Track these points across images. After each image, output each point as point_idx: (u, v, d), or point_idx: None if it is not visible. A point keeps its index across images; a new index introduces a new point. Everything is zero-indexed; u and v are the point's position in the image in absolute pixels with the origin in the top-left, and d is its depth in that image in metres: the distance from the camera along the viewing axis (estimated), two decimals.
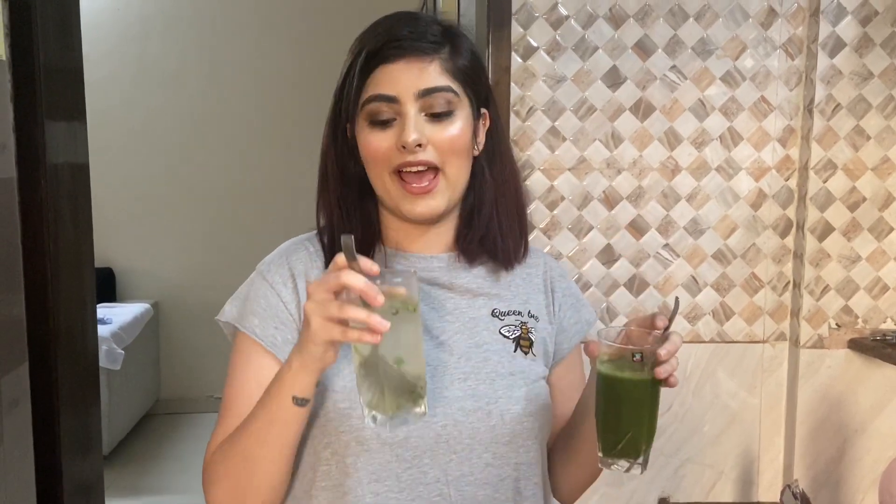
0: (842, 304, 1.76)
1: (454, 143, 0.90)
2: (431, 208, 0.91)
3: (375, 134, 0.90)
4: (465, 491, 0.90)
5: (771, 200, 1.79)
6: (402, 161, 0.89)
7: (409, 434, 0.88)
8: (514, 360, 0.95)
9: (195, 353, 4.33)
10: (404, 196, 0.90)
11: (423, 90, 0.88)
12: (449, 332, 0.94)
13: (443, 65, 0.90)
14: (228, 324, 0.96)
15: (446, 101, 0.89)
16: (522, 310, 0.98)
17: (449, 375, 0.91)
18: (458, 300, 0.96)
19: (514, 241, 0.98)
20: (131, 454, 3.86)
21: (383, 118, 0.89)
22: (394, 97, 0.88)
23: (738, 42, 1.74)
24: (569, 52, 1.73)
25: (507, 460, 0.92)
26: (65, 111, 1.78)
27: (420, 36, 0.90)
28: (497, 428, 0.91)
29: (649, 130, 1.76)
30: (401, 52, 0.89)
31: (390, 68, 0.89)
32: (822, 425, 1.77)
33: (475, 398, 0.91)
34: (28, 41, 1.62)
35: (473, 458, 0.90)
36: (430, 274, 0.96)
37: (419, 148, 0.88)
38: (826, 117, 1.71)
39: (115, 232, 4.37)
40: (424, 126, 0.89)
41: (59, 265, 1.71)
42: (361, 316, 0.74)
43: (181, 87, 4.38)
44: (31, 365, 1.63)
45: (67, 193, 1.79)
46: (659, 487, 1.83)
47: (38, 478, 1.64)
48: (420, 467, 0.89)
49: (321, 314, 0.76)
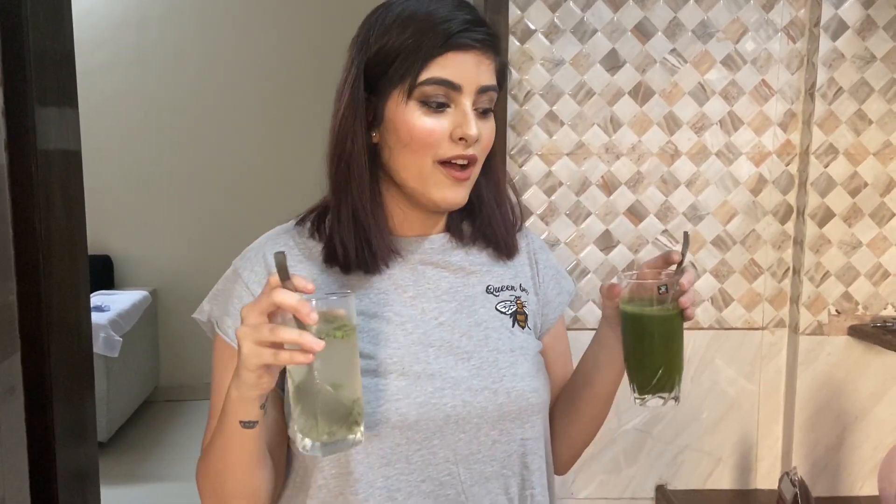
0: (842, 291, 1.74)
1: (491, 140, 0.92)
2: (461, 197, 0.91)
3: (428, 117, 0.87)
4: (474, 469, 0.92)
5: (771, 186, 1.77)
6: (454, 153, 0.88)
7: (419, 416, 0.88)
8: (513, 336, 0.96)
9: (194, 340, 4.33)
10: (442, 181, 0.89)
11: (483, 86, 0.89)
12: (447, 311, 0.94)
13: (495, 65, 0.91)
14: (207, 322, 0.95)
15: (491, 100, 0.91)
16: (514, 284, 1.00)
17: (453, 355, 0.92)
18: (453, 279, 0.97)
19: (511, 229, 1.01)
20: (130, 441, 3.86)
21: (440, 101, 0.87)
22: (459, 85, 0.87)
23: (739, 25, 1.71)
24: (567, 35, 1.71)
25: (514, 436, 0.93)
26: (56, 97, 1.76)
27: (485, 31, 0.90)
28: (504, 406, 0.92)
29: (648, 115, 1.74)
30: (475, 43, 0.88)
31: (462, 57, 0.87)
32: (821, 412, 1.76)
33: (481, 377, 0.92)
34: (18, 25, 1.59)
35: (481, 437, 0.92)
36: (424, 255, 0.96)
37: (476, 143, 0.89)
38: (827, 101, 1.69)
39: (113, 219, 4.36)
40: (476, 121, 0.89)
41: (51, 252, 1.69)
42: (293, 336, 0.71)
43: (179, 74, 4.35)
44: (24, 353, 1.62)
45: (59, 180, 1.77)
46: (657, 474, 1.82)
47: (31, 467, 1.63)
48: (430, 448, 0.89)
49: (252, 338, 0.73)
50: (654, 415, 1.80)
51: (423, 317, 0.93)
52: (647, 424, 1.80)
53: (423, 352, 0.91)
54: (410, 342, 0.91)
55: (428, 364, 0.91)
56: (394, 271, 0.94)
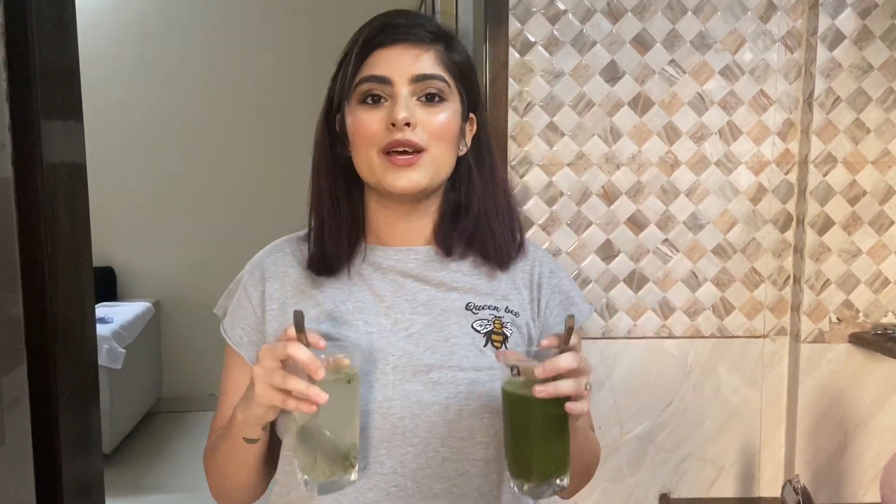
0: (842, 299, 1.75)
1: (443, 128, 0.91)
2: (413, 182, 0.91)
3: (366, 112, 0.91)
4: (423, 483, 0.90)
5: (771, 195, 1.78)
6: (391, 140, 0.89)
7: (367, 423, 0.89)
8: (481, 356, 0.93)
9: (196, 351, 4.33)
10: (388, 168, 0.90)
11: (417, 75, 0.90)
12: (418, 324, 0.94)
13: (437, 56, 0.92)
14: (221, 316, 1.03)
15: (438, 88, 0.91)
16: (500, 305, 0.97)
17: (412, 367, 0.91)
18: (433, 292, 0.96)
19: (506, 242, 0.98)
20: (133, 453, 3.86)
21: (375, 95, 0.90)
22: (387, 78, 0.90)
23: (737, 35, 1.73)
24: (567, 47, 1.73)
25: (465, 456, 0.91)
26: (61, 110, 1.77)
27: (417, 25, 0.92)
28: (454, 423, 0.90)
29: (648, 125, 1.75)
30: (397, 37, 0.91)
31: (386, 52, 0.91)
32: (823, 420, 1.76)
33: (435, 392, 0.90)
34: (24, 40, 1.61)
35: (430, 452, 0.90)
36: (407, 266, 0.97)
37: (408, 127, 0.89)
38: (826, 110, 1.70)
39: (116, 231, 4.37)
40: (415, 108, 0.90)
41: (56, 265, 1.70)
42: (301, 388, 0.79)
43: (181, 86, 4.37)
44: (30, 365, 1.63)
45: (64, 193, 1.78)
46: (660, 483, 1.82)
47: (37, 478, 1.64)
48: (377, 457, 0.90)
49: (265, 381, 0.81)
50: (657, 423, 1.80)
51: (394, 327, 0.94)
52: (649, 433, 1.81)
53: (382, 360, 0.92)
54: (371, 350, 0.92)
55: (384, 374, 0.91)
56: (374, 281, 0.96)
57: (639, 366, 1.79)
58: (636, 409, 1.80)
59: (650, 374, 1.80)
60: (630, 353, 1.80)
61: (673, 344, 1.80)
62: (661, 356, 1.80)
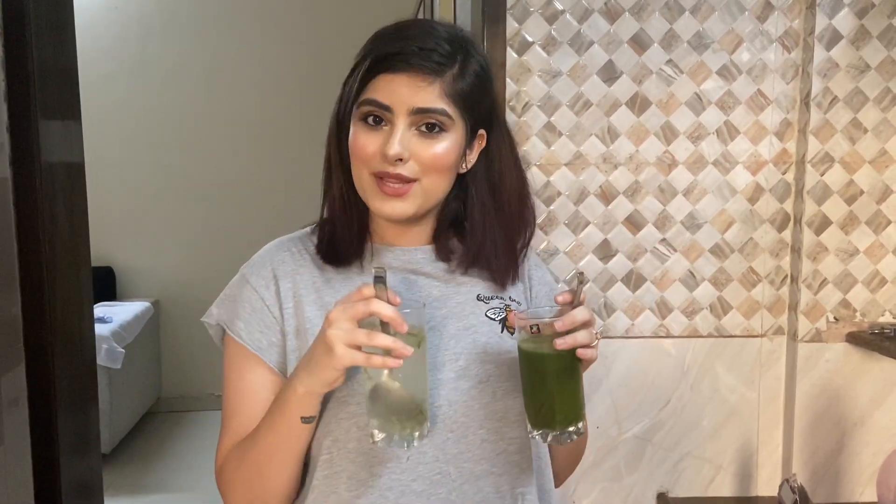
0: (840, 298, 1.75)
1: (437, 159, 0.91)
2: (399, 211, 0.92)
3: (365, 132, 0.91)
4: (464, 468, 0.94)
5: (768, 194, 1.78)
6: (381, 169, 0.90)
7: None
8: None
9: (196, 350, 4.33)
10: (376, 193, 0.92)
11: (417, 108, 0.89)
12: (438, 317, 0.97)
13: (443, 87, 0.90)
14: (216, 326, 1.00)
15: (439, 121, 0.90)
16: (504, 295, 1.02)
17: (441, 357, 0.95)
18: (444, 287, 1.00)
19: (507, 265, 1.01)
20: (132, 452, 3.86)
21: (376, 116, 0.91)
22: (388, 106, 0.89)
23: (735, 35, 1.73)
24: (564, 47, 1.73)
25: (502, 435, 0.96)
26: (59, 110, 1.78)
27: (427, 55, 0.89)
28: (489, 405, 0.95)
29: (645, 125, 1.75)
30: (405, 66, 0.89)
31: (391, 78, 0.89)
32: (820, 419, 1.77)
33: (468, 377, 0.95)
34: (22, 40, 1.62)
35: (469, 436, 0.94)
36: (415, 265, 0.99)
37: (399, 162, 0.89)
38: (823, 110, 1.71)
39: (115, 230, 4.38)
40: (411, 139, 0.90)
41: (55, 264, 1.70)
42: (388, 342, 0.80)
43: (180, 86, 4.37)
44: (29, 365, 1.63)
45: (63, 192, 1.78)
46: (658, 482, 1.83)
47: (36, 478, 1.64)
48: (419, 447, 0.91)
49: (345, 341, 0.80)
50: (655, 422, 1.81)
51: None
52: (647, 432, 1.81)
53: None
54: None
55: None
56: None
57: (636, 365, 1.80)
58: (634, 409, 1.80)
59: (648, 374, 1.80)
60: (628, 353, 1.80)
61: (671, 343, 1.80)
62: (658, 356, 1.80)
